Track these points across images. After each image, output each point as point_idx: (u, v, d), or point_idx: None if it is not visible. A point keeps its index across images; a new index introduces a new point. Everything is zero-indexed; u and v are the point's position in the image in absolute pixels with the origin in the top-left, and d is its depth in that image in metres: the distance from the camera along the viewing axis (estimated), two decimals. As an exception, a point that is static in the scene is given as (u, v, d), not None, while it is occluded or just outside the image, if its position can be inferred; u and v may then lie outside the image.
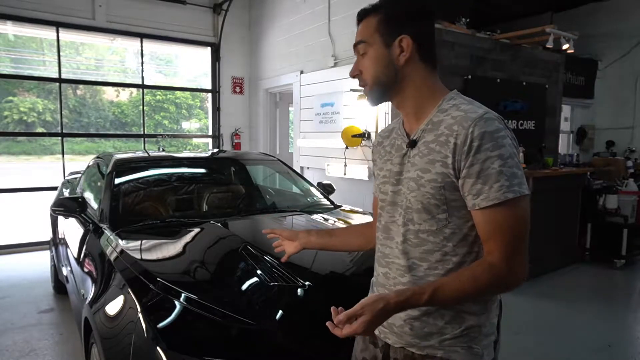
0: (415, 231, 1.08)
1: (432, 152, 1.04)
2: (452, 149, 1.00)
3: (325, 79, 5.30)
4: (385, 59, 1.09)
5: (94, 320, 1.83)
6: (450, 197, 1.03)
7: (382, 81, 1.11)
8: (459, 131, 0.99)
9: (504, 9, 6.84)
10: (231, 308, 1.61)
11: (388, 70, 1.09)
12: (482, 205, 0.98)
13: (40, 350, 3.10)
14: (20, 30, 6.24)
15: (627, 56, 7.16)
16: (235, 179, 3.61)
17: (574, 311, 3.89)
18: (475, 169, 0.97)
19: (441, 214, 1.04)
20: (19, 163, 11.92)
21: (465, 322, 1.06)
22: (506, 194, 0.96)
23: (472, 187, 0.98)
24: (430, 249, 1.07)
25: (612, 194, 5.31)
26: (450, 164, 1.00)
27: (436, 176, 1.03)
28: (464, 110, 1.03)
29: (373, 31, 1.09)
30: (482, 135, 0.97)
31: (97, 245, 2.39)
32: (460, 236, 1.05)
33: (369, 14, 1.11)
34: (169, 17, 6.42)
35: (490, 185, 0.96)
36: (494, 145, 0.96)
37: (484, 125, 0.97)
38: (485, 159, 0.96)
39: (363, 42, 1.12)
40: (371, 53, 1.10)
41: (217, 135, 7.04)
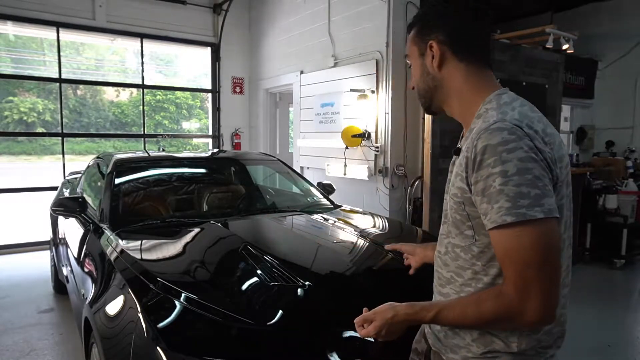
0: (453, 244, 1.04)
1: (458, 165, 0.99)
2: (465, 163, 0.94)
3: (325, 79, 5.30)
4: (422, 68, 1.10)
5: (94, 320, 1.83)
6: (472, 214, 0.96)
7: (422, 89, 1.11)
8: (470, 144, 0.93)
9: (504, 9, 6.83)
10: (231, 308, 1.61)
11: (426, 78, 1.09)
12: (489, 227, 0.90)
13: (40, 350, 3.10)
14: (20, 31, 6.24)
15: (627, 56, 7.15)
16: (235, 179, 3.61)
17: (574, 311, 3.87)
18: (479, 187, 0.90)
19: (467, 231, 0.99)
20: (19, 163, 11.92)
21: (491, 344, 0.98)
22: (504, 217, 0.85)
23: (480, 205, 0.91)
24: (462, 265, 1.02)
25: (611, 194, 5.31)
26: (465, 179, 0.95)
27: (457, 190, 0.98)
28: (485, 117, 0.96)
29: (411, 44, 1.11)
30: (484, 150, 0.88)
31: (97, 245, 2.39)
32: (489, 256, 0.96)
33: (411, 28, 1.12)
34: (169, 17, 6.43)
35: (492, 205, 0.87)
36: (496, 160, 0.86)
37: (488, 137, 0.88)
38: (487, 176, 0.88)
39: (407, 56, 1.15)
40: (413, 65, 1.13)
41: (217, 135, 7.04)
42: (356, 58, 4.84)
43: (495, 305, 0.90)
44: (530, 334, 0.97)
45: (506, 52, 5.17)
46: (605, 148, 7.56)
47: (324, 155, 5.37)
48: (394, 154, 4.55)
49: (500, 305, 0.90)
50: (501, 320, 0.92)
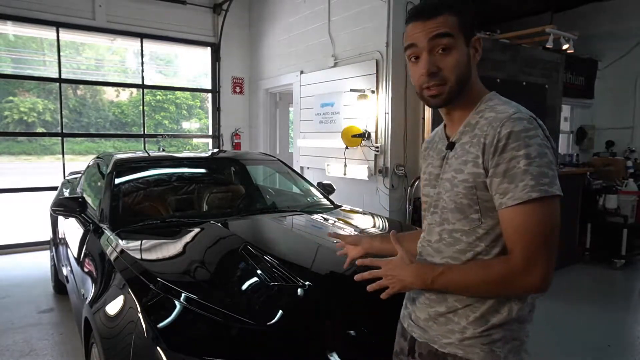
0: (449, 230, 1.10)
1: (466, 153, 1.06)
2: (482, 149, 1.02)
3: (325, 79, 5.30)
4: (467, 58, 1.08)
5: (94, 320, 1.83)
6: (483, 197, 1.04)
7: (463, 81, 1.08)
8: (488, 131, 1.01)
9: (504, 9, 6.83)
10: (231, 308, 1.61)
11: (467, 70, 1.09)
12: (508, 204, 0.98)
13: (40, 350, 3.10)
14: (20, 31, 6.24)
15: (627, 56, 7.15)
16: (235, 179, 3.61)
17: (574, 311, 3.89)
18: (501, 169, 0.98)
19: (474, 214, 1.06)
20: (19, 163, 11.92)
21: (487, 322, 1.05)
22: (530, 193, 0.95)
23: (498, 186, 0.99)
24: (463, 249, 1.08)
25: (612, 194, 5.31)
26: (480, 164, 1.02)
27: (468, 176, 1.05)
28: (496, 110, 1.04)
29: (458, 28, 1.05)
30: (508, 135, 0.98)
31: (97, 245, 2.39)
32: (494, 237, 1.05)
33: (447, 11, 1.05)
34: (169, 17, 6.43)
35: (516, 184, 0.96)
36: (520, 145, 0.97)
37: (512, 124, 0.98)
38: (511, 158, 0.97)
39: (449, 37, 1.04)
40: (456, 50, 1.06)
41: (217, 135, 7.04)
42: (356, 58, 4.84)
43: (502, 267, 0.99)
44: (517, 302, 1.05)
45: (506, 52, 5.17)
46: (605, 148, 7.56)
47: (324, 155, 5.37)
48: (394, 154, 4.55)
49: (505, 268, 0.99)
50: (504, 282, 0.99)
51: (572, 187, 5.09)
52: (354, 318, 1.65)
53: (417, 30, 1.07)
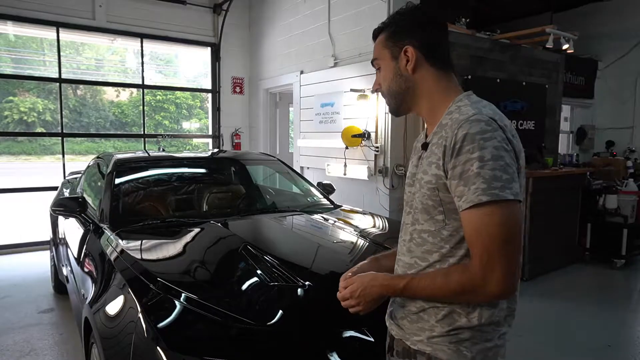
0: (419, 231, 1.12)
1: (432, 155, 1.08)
2: (442, 151, 1.03)
3: (325, 79, 5.30)
4: (394, 70, 1.15)
5: (94, 320, 1.83)
6: (445, 199, 1.05)
7: (394, 91, 1.16)
8: (448, 134, 1.02)
9: (504, 9, 6.84)
10: (231, 308, 1.61)
11: (399, 79, 1.15)
12: (463, 207, 0.98)
13: (40, 350, 3.10)
14: (20, 31, 6.24)
15: (627, 56, 7.16)
16: (235, 179, 3.61)
17: (574, 311, 3.89)
18: (457, 171, 0.99)
19: (438, 216, 1.07)
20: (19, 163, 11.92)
21: (455, 322, 1.06)
22: (480, 197, 0.95)
23: (455, 188, 1.00)
24: (429, 249, 1.10)
25: (612, 194, 5.30)
26: (441, 166, 1.03)
27: (431, 177, 1.06)
28: (460, 112, 1.05)
29: (382, 47, 1.17)
30: (464, 137, 0.98)
31: (98, 245, 2.39)
32: (458, 238, 1.05)
33: (380, 33, 1.18)
34: (169, 17, 6.43)
35: (469, 187, 0.96)
36: (474, 147, 0.96)
37: (468, 126, 0.98)
38: (466, 161, 0.97)
39: (375, 59, 1.20)
40: (383, 67, 1.18)
41: (217, 135, 7.04)
42: (356, 58, 4.84)
43: (461, 277, 0.99)
44: (488, 308, 1.05)
45: (506, 52, 5.18)
46: (605, 148, 7.57)
47: (324, 155, 5.37)
48: (394, 154, 4.55)
49: (465, 276, 0.99)
50: (465, 292, 1.00)
51: (572, 187, 5.09)
52: (354, 318, 1.65)
53: None
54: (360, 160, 4.82)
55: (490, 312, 1.05)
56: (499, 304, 1.06)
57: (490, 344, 1.06)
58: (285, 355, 1.50)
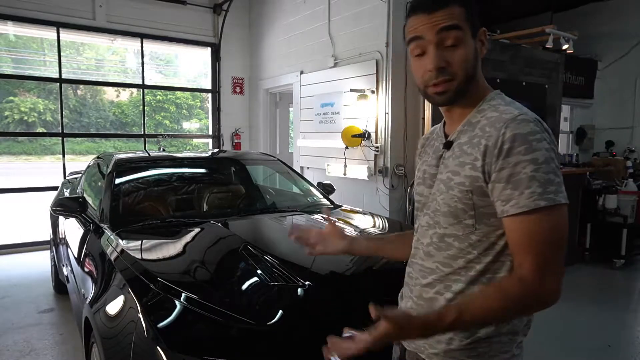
0: (441, 235, 1.04)
1: (463, 154, 1.00)
2: (483, 151, 0.95)
3: (325, 79, 5.30)
4: (475, 52, 1.01)
5: (95, 320, 1.83)
6: (478, 203, 0.97)
7: (470, 77, 1.01)
8: (490, 133, 0.95)
9: (504, 9, 6.83)
10: (231, 308, 1.61)
11: (475, 65, 1.01)
12: (511, 213, 0.91)
13: (40, 350, 3.10)
14: (21, 31, 6.25)
15: (627, 56, 7.15)
16: (236, 179, 3.61)
17: (574, 311, 3.89)
18: (505, 173, 0.91)
19: (468, 220, 0.99)
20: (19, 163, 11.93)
21: (474, 334, 0.99)
22: (537, 202, 0.88)
23: (501, 192, 0.92)
24: (454, 255, 1.02)
25: (611, 194, 5.31)
26: (479, 167, 0.95)
27: (464, 179, 0.98)
28: (499, 111, 0.98)
29: (465, 20, 0.98)
30: (513, 138, 0.91)
31: (98, 245, 2.40)
32: (487, 244, 0.98)
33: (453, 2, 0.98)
34: (169, 17, 6.43)
35: (521, 191, 0.89)
36: (527, 149, 0.90)
37: (517, 126, 0.91)
38: (517, 163, 0.90)
39: (458, 29, 0.97)
40: (464, 43, 0.98)
41: (217, 135, 7.04)
42: (356, 58, 4.84)
43: (520, 291, 0.91)
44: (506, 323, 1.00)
45: (506, 52, 5.17)
46: (605, 148, 7.56)
47: (324, 155, 5.37)
48: (394, 154, 4.55)
49: (523, 290, 0.91)
50: (526, 306, 0.93)
51: (572, 187, 5.09)
52: (354, 318, 1.65)
53: (422, 23, 0.98)
54: (360, 160, 4.82)
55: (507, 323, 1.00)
56: None
57: (507, 355, 1.01)
58: (285, 355, 1.50)
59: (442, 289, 1.04)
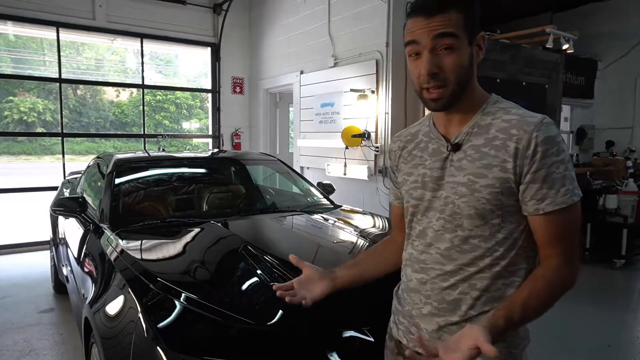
0: (464, 237, 1.05)
1: (486, 157, 1.01)
2: (514, 154, 0.98)
3: (325, 79, 5.30)
4: (470, 60, 1.02)
5: (94, 320, 1.83)
6: (506, 203, 1.01)
7: (463, 81, 1.02)
8: (519, 135, 0.98)
9: (504, 9, 6.83)
10: (231, 308, 1.61)
11: (470, 71, 1.03)
12: (547, 210, 0.98)
13: (40, 350, 3.10)
14: (20, 31, 6.24)
15: (627, 56, 7.15)
16: (235, 179, 3.61)
17: (574, 311, 3.89)
18: (541, 174, 0.97)
19: (495, 219, 1.02)
20: (19, 163, 11.93)
21: None
22: (572, 198, 0.98)
23: (537, 192, 0.98)
24: (481, 254, 1.04)
25: (611, 194, 5.31)
26: (510, 169, 0.99)
27: (494, 181, 1.00)
28: (517, 114, 1.02)
29: (462, 27, 0.98)
30: (546, 140, 0.97)
31: (98, 245, 2.39)
32: (512, 241, 1.04)
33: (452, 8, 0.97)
34: (169, 17, 6.43)
35: (557, 189, 0.97)
36: (558, 150, 0.97)
37: (547, 130, 0.97)
38: (552, 164, 0.97)
39: (453, 37, 0.97)
40: (459, 50, 0.99)
41: (217, 135, 7.04)
42: (356, 58, 4.84)
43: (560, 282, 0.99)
44: None
45: (506, 52, 5.17)
46: (605, 148, 7.56)
47: (324, 155, 5.37)
48: (394, 154, 4.54)
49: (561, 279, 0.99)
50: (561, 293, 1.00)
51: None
52: (354, 318, 1.65)
53: (420, 27, 0.99)
54: (360, 160, 4.82)
55: None
56: None
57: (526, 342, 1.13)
58: (285, 355, 1.50)
59: (467, 288, 1.06)
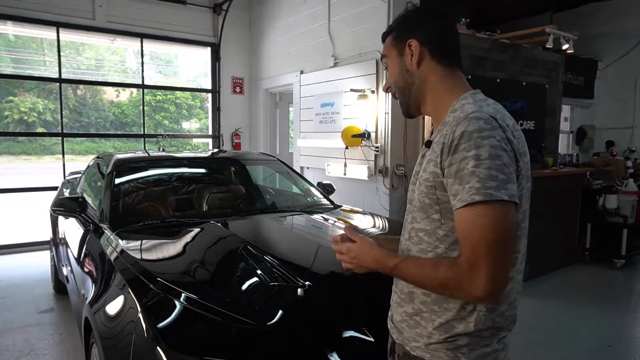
0: (416, 229, 1.11)
1: (432, 152, 1.06)
2: (441, 149, 1.01)
3: (325, 79, 5.30)
4: (400, 66, 1.16)
5: (94, 320, 1.83)
6: (442, 198, 1.03)
7: (401, 86, 1.17)
8: (447, 131, 1.01)
9: (504, 9, 6.83)
10: (231, 308, 1.61)
11: (404, 75, 1.15)
12: (457, 206, 0.96)
13: (40, 350, 3.10)
14: (20, 31, 6.24)
15: (627, 56, 7.16)
16: (235, 179, 3.61)
17: (574, 311, 3.89)
18: (453, 169, 0.97)
19: (434, 215, 1.05)
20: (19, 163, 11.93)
21: (452, 329, 1.04)
22: (473, 196, 0.92)
23: (451, 187, 0.98)
24: (425, 249, 1.08)
25: (611, 194, 5.31)
26: (439, 163, 1.02)
27: (429, 175, 1.05)
28: (463, 110, 1.03)
29: (390, 46, 1.19)
30: (461, 135, 0.96)
31: (97, 245, 2.39)
32: (453, 239, 1.03)
33: (388, 34, 1.20)
34: (169, 17, 6.43)
35: (463, 186, 0.94)
36: (471, 145, 0.94)
37: (466, 124, 0.96)
38: (462, 159, 0.95)
39: (384, 57, 1.21)
40: (390, 65, 1.19)
41: (217, 135, 7.04)
42: (356, 58, 4.84)
43: (448, 271, 0.98)
44: (486, 313, 1.03)
45: (506, 52, 5.18)
46: (605, 148, 7.57)
47: (324, 155, 5.37)
48: (394, 154, 4.55)
49: (451, 272, 0.97)
50: (449, 287, 0.99)
51: (572, 187, 5.09)
52: (354, 318, 1.65)
53: None
54: (360, 160, 4.82)
55: (489, 317, 1.03)
56: (498, 309, 1.04)
57: (488, 349, 1.05)
58: (285, 355, 1.50)
59: None
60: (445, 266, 0.99)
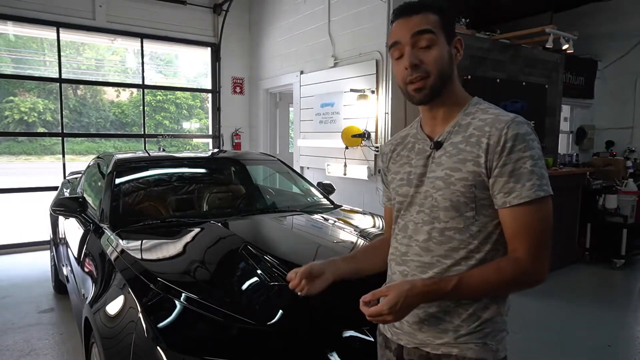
0: (440, 229, 1.10)
1: (462, 152, 1.08)
2: (485, 149, 1.04)
3: (325, 79, 5.30)
4: (449, 56, 1.11)
5: (95, 320, 1.83)
6: (479, 196, 1.06)
7: (445, 76, 1.10)
8: (491, 132, 1.04)
9: (504, 9, 6.83)
10: (231, 308, 1.61)
11: (450, 66, 1.11)
12: (514, 203, 1.02)
13: (40, 350, 3.10)
14: (20, 31, 6.24)
15: (627, 56, 7.15)
16: (236, 179, 3.61)
17: (574, 311, 3.89)
18: (508, 168, 1.02)
19: (469, 212, 1.07)
20: (19, 163, 11.93)
21: (479, 318, 1.08)
22: (537, 192, 1.00)
23: (504, 185, 1.03)
24: (456, 247, 1.09)
25: (611, 194, 5.31)
26: (482, 163, 1.04)
27: (467, 174, 1.06)
28: (493, 113, 1.08)
29: (439, 26, 1.09)
30: (515, 137, 1.02)
31: (98, 245, 2.40)
32: (486, 234, 1.08)
33: (429, 10, 1.09)
34: (169, 17, 6.43)
35: (523, 183, 1.01)
36: (526, 147, 1.02)
37: (517, 127, 1.03)
38: (518, 159, 1.01)
39: (431, 33, 1.07)
40: (438, 45, 1.08)
41: (217, 135, 7.04)
42: (356, 58, 4.84)
43: (515, 270, 1.02)
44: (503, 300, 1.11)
45: (506, 52, 5.18)
46: (605, 148, 7.56)
47: (324, 155, 5.37)
48: (394, 154, 4.55)
49: (516, 269, 1.02)
50: (517, 283, 1.05)
51: (572, 187, 5.09)
52: (354, 318, 1.65)
53: (400, 28, 1.10)
54: (360, 160, 4.82)
55: (504, 303, 1.11)
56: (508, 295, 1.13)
57: (504, 333, 1.12)
58: (285, 355, 1.50)
59: None
60: (509, 266, 1.03)
